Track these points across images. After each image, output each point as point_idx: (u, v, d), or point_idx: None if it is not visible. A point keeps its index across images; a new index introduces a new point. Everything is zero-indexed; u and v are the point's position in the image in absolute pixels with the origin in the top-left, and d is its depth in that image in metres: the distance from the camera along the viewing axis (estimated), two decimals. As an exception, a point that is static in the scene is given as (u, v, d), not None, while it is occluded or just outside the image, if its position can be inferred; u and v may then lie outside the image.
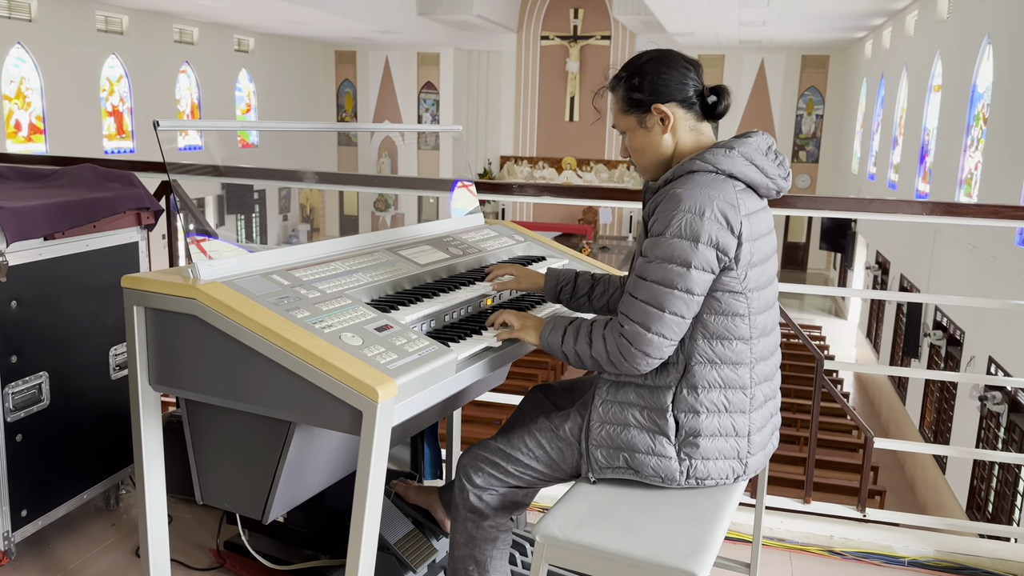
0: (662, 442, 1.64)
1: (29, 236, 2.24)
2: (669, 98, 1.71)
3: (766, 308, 1.70)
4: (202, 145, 14.98)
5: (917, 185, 12.33)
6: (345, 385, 1.42)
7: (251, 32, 19.26)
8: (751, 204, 1.65)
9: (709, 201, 1.58)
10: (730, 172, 1.64)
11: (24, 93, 13.30)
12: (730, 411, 1.65)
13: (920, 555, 2.64)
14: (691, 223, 1.57)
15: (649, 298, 1.59)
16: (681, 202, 1.58)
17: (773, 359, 1.76)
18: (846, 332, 16.88)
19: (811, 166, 21.16)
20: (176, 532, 2.66)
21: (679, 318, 1.59)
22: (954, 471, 9.43)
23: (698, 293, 1.59)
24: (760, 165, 1.67)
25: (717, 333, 1.63)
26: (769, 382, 1.74)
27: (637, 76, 1.72)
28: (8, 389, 2.28)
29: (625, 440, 1.66)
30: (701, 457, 1.64)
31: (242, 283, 1.60)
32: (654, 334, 1.58)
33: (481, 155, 23.01)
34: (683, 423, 1.63)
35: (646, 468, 1.65)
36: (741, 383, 1.65)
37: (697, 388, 1.63)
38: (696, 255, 1.56)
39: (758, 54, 20.72)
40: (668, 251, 1.58)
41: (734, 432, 1.65)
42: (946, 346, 10.39)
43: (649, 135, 1.74)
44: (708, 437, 1.63)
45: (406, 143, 22.08)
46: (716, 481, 1.67)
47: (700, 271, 1.57)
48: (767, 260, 1.69)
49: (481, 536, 1.81)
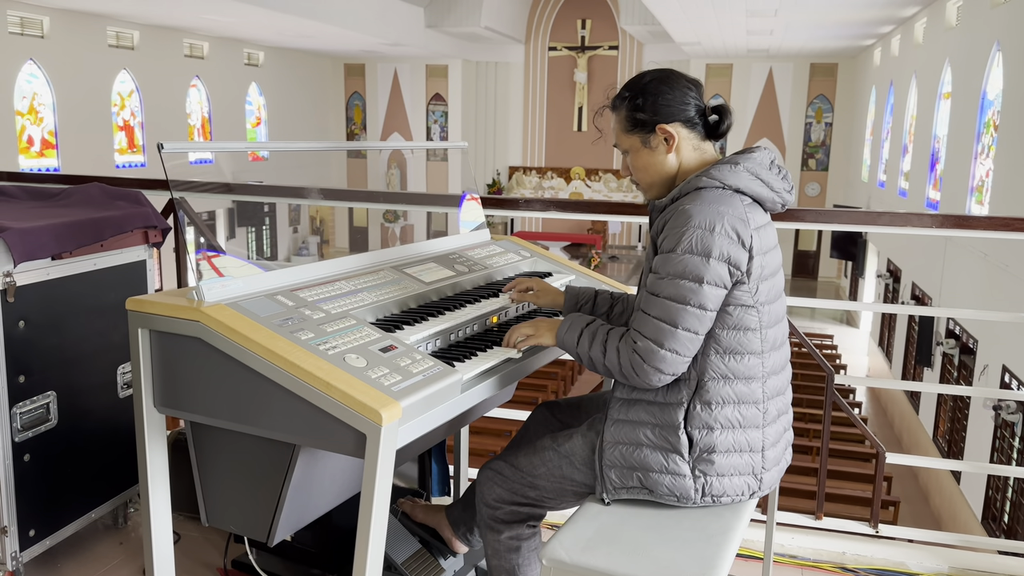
0: (675, 460, 1.63)
1: (36, 256, 2.25)
2: (672, 118, 1.71)
3: (776, 322, 1.69)
4: (213, 159, 15.07)
5: (928, 193, 12.27)
6: (349, 408, 1.41)
7: (261, 46, 19.39)
8: (758, 218, 1.66)
9: (719, 216, 1.58)
10: (737, 187, 1.64)
11: (36, 108, 13.41)
12: (744, 426, 1.64)
13: (934, 571, 2.61)
14: (702, 238, 1.57)
15: (662, 314, 1.59)
16: (692, 218, 1.58)
17: (784, 373, 1.75)
18: (858, 341, 16.77)
19: (821, 174, 21.10)
20: (183, 551, 2.65)
21: (692, 334, 1.58)
22: (969, 482, 9.33)
23: (711, 309, 1.58)
24: (765, 179, 1.68)
25: (730, 348, 1.62)
26: (781, 396, 1.73)
27: (640, 96, 1.72)
28: (16, 409, 2.28)
29: (638, 459, 1.66)
30: (716, 474, 1.63)
31: (246, 304, 1.60)
32: (667, 351, 1.58)
33: (490, 166, 23.05)
34: (697, 440, 1.62)
35: (660, 487, 1.64)
36: (754, 398, 1.65)
37: (711, 404, 1.62)
38: (708, 270, 1.56)
39: (766, 63, 20.70)
40: (680, 267, 1.58)
41: (748, 448, 1.64)
42: (959, 355, 10.31)
43: (653, 155, 1.74)
44: (723, 453, 1.62)
45: (415, 155, 22.15)
46: (732, 498, 1.66)
47: (712, 286, 1.57)
48: (775, 274, 1.70)
49: (503, 547, 1.84)
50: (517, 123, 23.10)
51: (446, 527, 2.26)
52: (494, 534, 1.85)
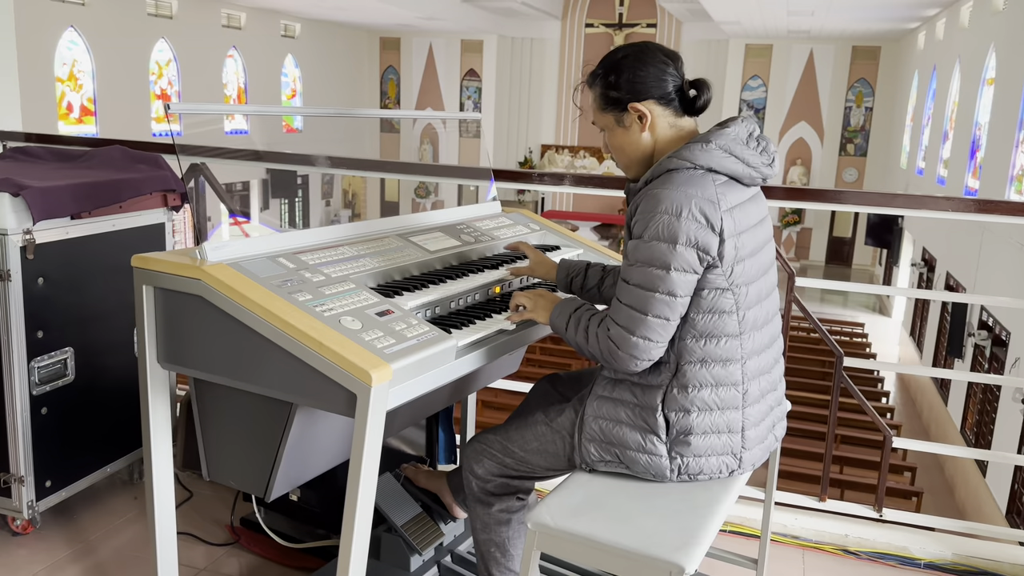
0: (652, 440, 1.64)
1: (55, 215, 2.31)
2: (646, 95, 1.68)
3: (758, 301, 1.67)
4: (247, 130, 15.21)
5: (967, 181, 12.01)
6: (340, 368, 1.44)
7: (297, 18, 19.44)
8: (734, 197, 1.63)
9: (687, 199, 1.56)
10: (708, 167, 1.61)
11: (76, 75, 13.62)
12: (722, 408, 1.63)
13: (937, 557, 2.59)
14: (669, 224, 1.55)
15: (632, 302, 1.59)
16: (659, 203, 1.57)
17: (770, 351, 1.74)
18: (890, 330, 16.53)
19: (859, 160, 20.72)
20: (195, 507, 2.73)
21: (663, 320, 1.58)
22: (995, 475, 9.20)
23: (681, 295, 1.57)
24: (740, 155, 1.64)
25: (706, 331, 1.61)
26: (766, 375, 1.72)
27: (613, 73, 1.70)
28: (34, 363, 2.35)
29: (617, 436, 1.67)
30: (693, 455, 1.63)
31: (247, 265, 1.63)
32: (639, 337, 1.58)
33: (522, 143, 22.96)
34: (674, 422, 1.63)
35: (637, 465, 1.66)
36: (732, 380, 1.64)
37: (688, 387, 1.62)
38: (675, 257, 1.55)
39: (807, 44, 20.30)
40: (647, 254, 1.57)
41: (727, 429, 1.64)
42: (991, 347, 10.13)
43: (628, 133, 1.72)
44: (700, 435, 1.62)
45: (447, 131, 22.13)
46: (710, 476, 1.66)
47: (681, 272, 1.56)
48: (757, 252, 1.67)
49: (493, 520, 1.85)
50: (551, 101, 22.94)
51: (447, 493, 2.30)
52: (484, 507, 1.86)
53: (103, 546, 2.50)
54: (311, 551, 2.41)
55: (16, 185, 2.22)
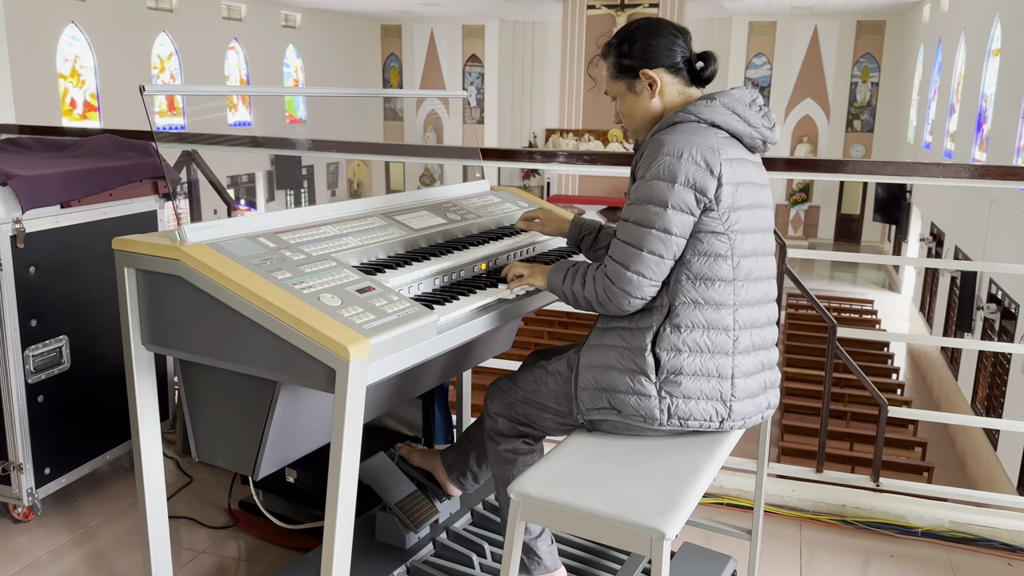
0: (642, 381, 1.67)
1: (44, 203, 2.32)
2: (657, 64, 1.79)
3: (753, 254, 1.71)
4: (251, 121, 15.24)
5: (973, 153, 11.91)
6: (318, 343, 1.44)
7: (298, 8, 19.40)
8: (734, 152, 1.70)
9: (689, 144, 1.64)
10: (712, 121, 1.70)
11: (78, 71, 13.65)
12: (712, 351, 1.67)
13: (934, 525, 2.59)
14: (669, 165, 1.63)
15: (629, 238, 1.66)
16: (662, 146, 1.65)
17: (763, 308, 1.76)
18: (899, 306, 16.45)
19: (866, 135, 20.56)
20: (195, 491, 2.75)
21: (657, 257, 1.64)
22: (1006, 448, 9.17)
23: (676, 233, 1.63)
24: (742, 114, 1.73)
25: (700, 274, 1.66)
26: (758, 330, 1.74)
27: (627, 43, 1.82)
28: (29, 352, 2.37)
29: (608, 381, 1.71)
30: (682, 396, 1.66)
31: (226, 245, 1.63)
32: (633, 272, 1.64)
33: (527, 128, 22.88)
34: (664, 362, 1.66)
35: (627, 407, 1.69)
36: (724, 324, 1.67)
37: (680, 327, 1.66)
38: (672, 194, 1.62)
39: (811, 20, 20.11)
40: (647, 192, 1.65)
41: (716, 373, 1.68)
42: (1000, 320, 10.07)
43: (638, 99, 1.83)
44: (690, 376, 1.66)
45: (451, 118, 22.08)
46: (699, 422, 1.68)
47: (677, 211, 1.62)
48: (756, 208, 1.72)
49: (500, 458, 1.94)
50: (554, 84, 22.83)
51: (441, 471, 2.31)
52: (493, 444, 1.95)
53: (104, 531, 2.52)
54: (308, 532, 2.43)
55: (3, 174, 2.24)
